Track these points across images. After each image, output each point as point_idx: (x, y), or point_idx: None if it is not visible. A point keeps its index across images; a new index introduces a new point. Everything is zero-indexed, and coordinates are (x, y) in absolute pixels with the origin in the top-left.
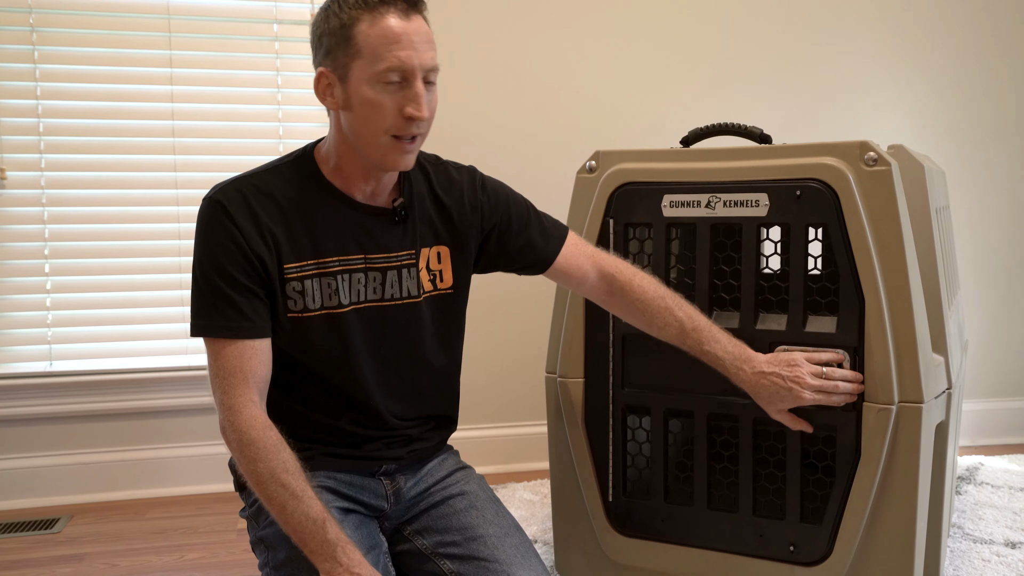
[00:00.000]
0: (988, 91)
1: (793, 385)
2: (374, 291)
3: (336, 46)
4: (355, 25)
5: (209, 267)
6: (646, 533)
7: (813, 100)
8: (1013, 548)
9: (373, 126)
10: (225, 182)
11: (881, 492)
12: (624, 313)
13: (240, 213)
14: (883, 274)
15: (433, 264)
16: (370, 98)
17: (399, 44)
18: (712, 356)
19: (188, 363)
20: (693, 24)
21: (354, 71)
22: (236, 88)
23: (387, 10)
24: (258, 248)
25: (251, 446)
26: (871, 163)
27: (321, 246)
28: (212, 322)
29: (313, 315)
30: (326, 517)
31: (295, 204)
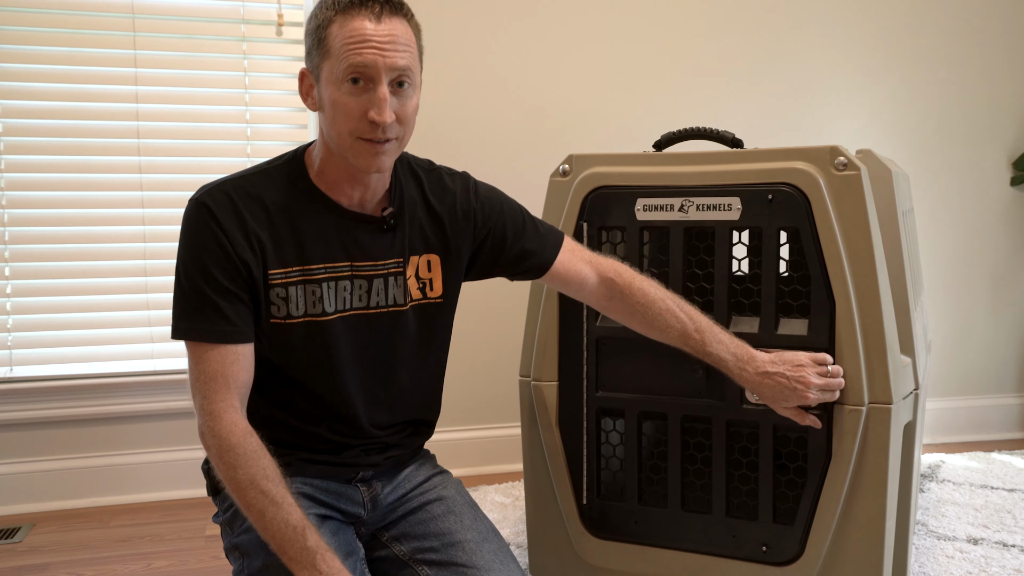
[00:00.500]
0: (946, 96)
1: (798, 385)
2: (359, 299)
3: (312, 46)
4: (328, 26)
5: (194, 270)
6: (620, 535)
7: (777, 104)
8: (976, 544)
9: (339, 127)
10: (212, 183)
11: (851, 492)
12: (625, 317)
13: (226, 216)
14: (853, 277)
15: (423, 272)
16: (335, 99)
17: (363, 45)
18: (716, 357)
19: (153, 367)
20: (661, 28)
21: (323, 71)
22: (203, 89)
23: (359, 12)
24: (243, 252)
25: (231, 452)
26: (841, 168)
27: (307, 253)
28: (195, 325)
29: (296, 322)
30: (306, 524)
31: (282, 209)
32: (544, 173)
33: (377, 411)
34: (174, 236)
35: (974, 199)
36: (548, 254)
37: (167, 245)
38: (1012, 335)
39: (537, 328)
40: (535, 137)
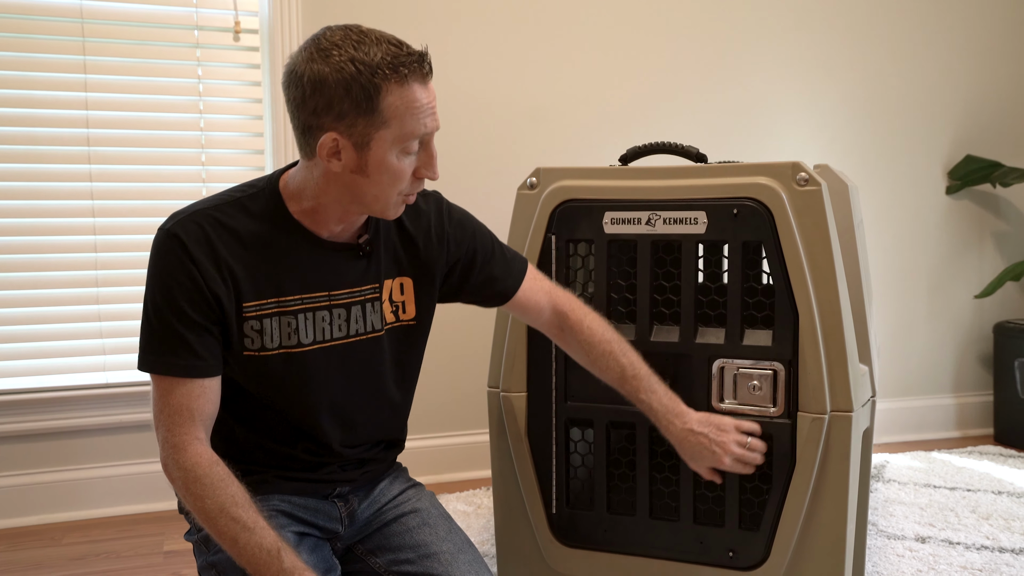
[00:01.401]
0: (884, 111)
1: (717, 449)
2: (339, 328)
3: (358, 114)
4: (381, 95)
5: (163, 303)
6: (589, 544)
7: (726, 119)
8: (923, 543)
9: (389, 190)
10: (183, 213)
11: (815, 497)
12: (571, 350)
13: (198, 248)
14: (815, 289)
15: (396, 295)
16: (393, 166)
17: (424, 113)
18: (646, 405)
19: (105, 380)
20: (619, 46)
21: (377, 140)
22: (155, 96)
23: (412, 78)
24: (215, 286)
25: (197, 483)
26: (802, 183)
27: (283, 284)
28: (162, 359)
29: (270, 354)
30: (280, 546)
31: (258, 241)
32: (507, 186)
33: (351, 434)
34: (126, 246)
35: (912, 208)
36: (513, 282)
37: (119, 255)
38: (948, 338)
39: (506, 339)
40: (498, 150)
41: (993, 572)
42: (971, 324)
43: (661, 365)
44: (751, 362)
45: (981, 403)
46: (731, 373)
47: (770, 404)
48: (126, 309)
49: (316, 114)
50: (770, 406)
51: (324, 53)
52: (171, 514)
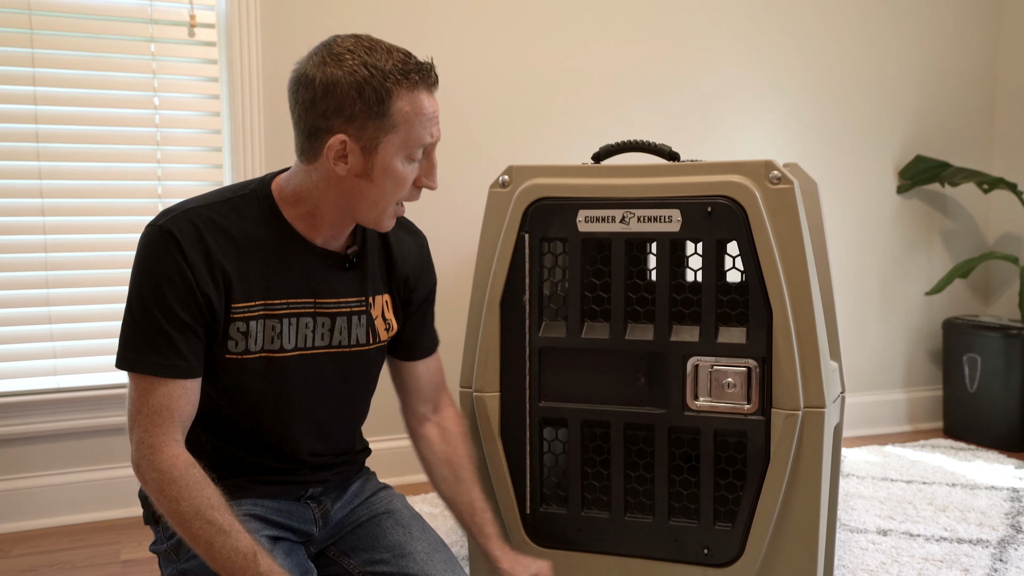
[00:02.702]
0: (838, 111)
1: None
2: (322, 337)
3: (368, 117)
4: (392, 100)
5: (151, 299)
6: (564, 543)
7: (688, 117)
8: (885, 535)
9: (390, 196)
10: (175, 210)
11: (788, 492)
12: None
13: (192, 247)
14: (788, 286)
15: (387, 313)
16: (397, 171)
17: (431, 121)
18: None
19: (56, 385)
20: (582, 44)
21: (385, 144)
22: (108, 91)
23: (421, 86)
24: (206, 286)
25: (173, 485)
26: (775, 181)
27: (272, 287)
28: (145, 358)
29: (252, 358)
30: (256, 550)
31: (251, 242)
32: (476, 184)
33: (323, 444)
34: (78, 245)
35: (864, 207)
36: (431, 347)
37: (70, 255)
38: (899, 335)
39: (479, 339)
40: (464, 148)
41: (954, 563)
42: (921, 320)
43: (635, 364)
44: (725, 360)
45: (931, 397)
46: (706, 371)
47: (744, 401)
48: (78, 311)
49: (326, 116)
50: (744, 403)
51: (337, 58)
52: (127, 522)
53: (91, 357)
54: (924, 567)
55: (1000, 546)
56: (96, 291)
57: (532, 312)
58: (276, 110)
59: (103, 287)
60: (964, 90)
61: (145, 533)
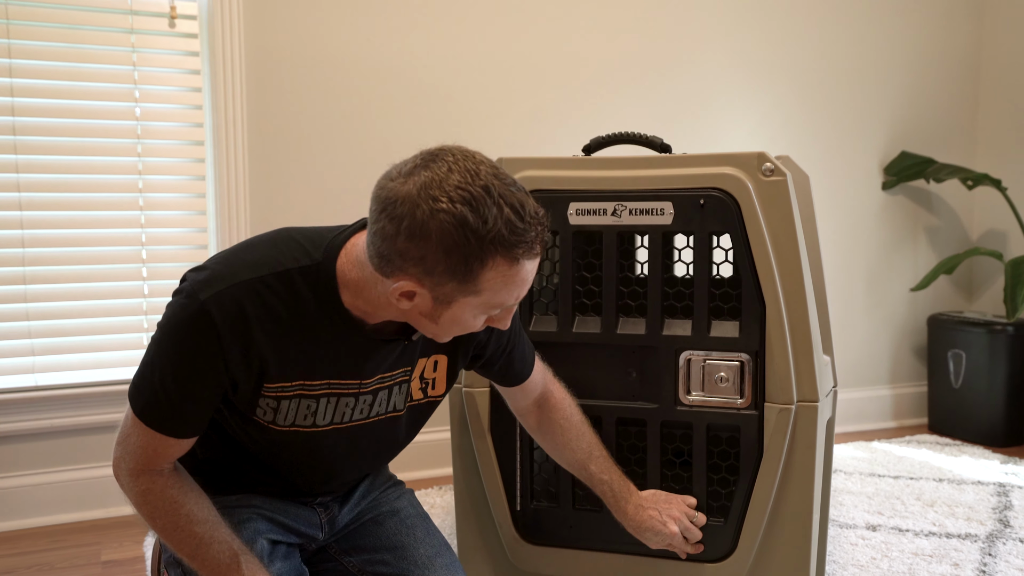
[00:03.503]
0: (823, 107)
1: (667, 519)
2: (360, 412)
3: (450, 277)
4: (485, 268)
5: (171, 373)
6: (555, 540)
7: (674, 110)
8: (874, 531)
9: (453, 335)
10: (222, 279)
11: (781, 487)
12: (544, 427)
13: (231, 333)
14: (781, 280)
15: (428, 372)
16: (467, 323)
17: (523, 286)
18: (606, 484)
19: (34, 383)
20: (567, 36)
21: (461, 303)
22: (87, 83)
23: (526, 254)
24: (237, 370)
25: (148, 505)
26: (768, 173)
27: (313, 368)
28: (152, 413)
29: (279, 429)
30: (240, 560)
31: (299, 323)
32: None
33: (341, 486)
34: (57, 240)
35: (849, 203)
36: (528, 371)
37: (49, 251)
38: (884, 331)
39: None
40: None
41: (943, 558)
42: (906, 317)
43: (627, 358)
44: (718, 354)
45: (916, 393)
46: (698, 365)
47: (737, 395)
48: (57, 307)
49: (403, 257)
50: (737, 397)
51: (435, 202)
52: (108, 522)
53: (70, 355)
54: (914, 562)
55: (989, 540)
56: (76, 287)
57: (523, 306)
58: (259, 104)
59: (83, 283)
60: (948, 86)
61: (126, 534)
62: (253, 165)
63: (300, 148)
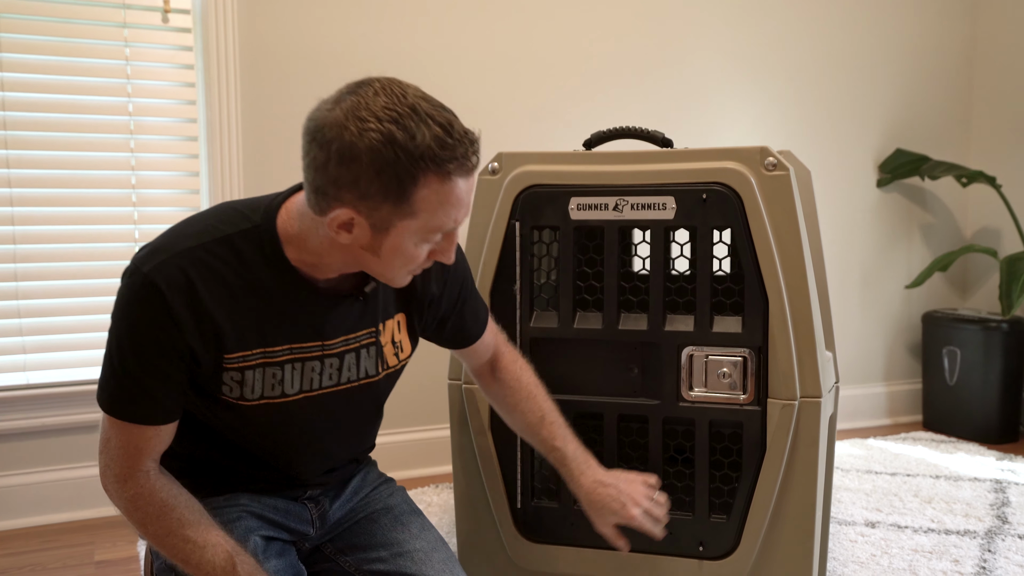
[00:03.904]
0: (819, 104)
1: (627, 500)
2: (330, 377)
3: (383, 199)
4: (418, 187)
5: (130, 352)
6: (555, 537)
7: (671, 106)
8: (873, 528)
9: (398, 270)
10: (163, 250)
11: (784, 484)
12: (494, 391)
13: (179, 300)
14: (784, 275)
15: (396, 336)
16: (409, 252)
17: (458, 206)
18: (560, 453)
19: (25, 381)
20: (566, 32)
21: (399, 228)
22: (79, 78)
23: (457, 171)
24: (193, 340)
25: (138, 512)
26: (771, 168)
27: (271, 334)
28: (119, 404)
29: (249, 404)
30: (235, 561)
31: (249, 288)
32: None
33: (327, 463)
34: (48, 237)
35: (844, 200)
36: (479, 330)
37: (41, 247)
38: (879, 328)
39: None
40: None
41: (943, 554)
42: (900, 314)
43: (629, 354)
44: (720, 349)
45: (910, 391)
46: (700, 361)
47: (740, 391)
48: (48, 305)
49: (337, 185)
50: (740, 393)
51: (361, 123)
52: (100, 522)
53: (62, 352)
54: (914, 558)
55: (988, 537)
56: (67, 284)
57: (523, 302)
58: (254, 98)
59: (74, 280)
60: (943, 84)
61: (120, 534)
62: (247, 161)
63: (295, 144)
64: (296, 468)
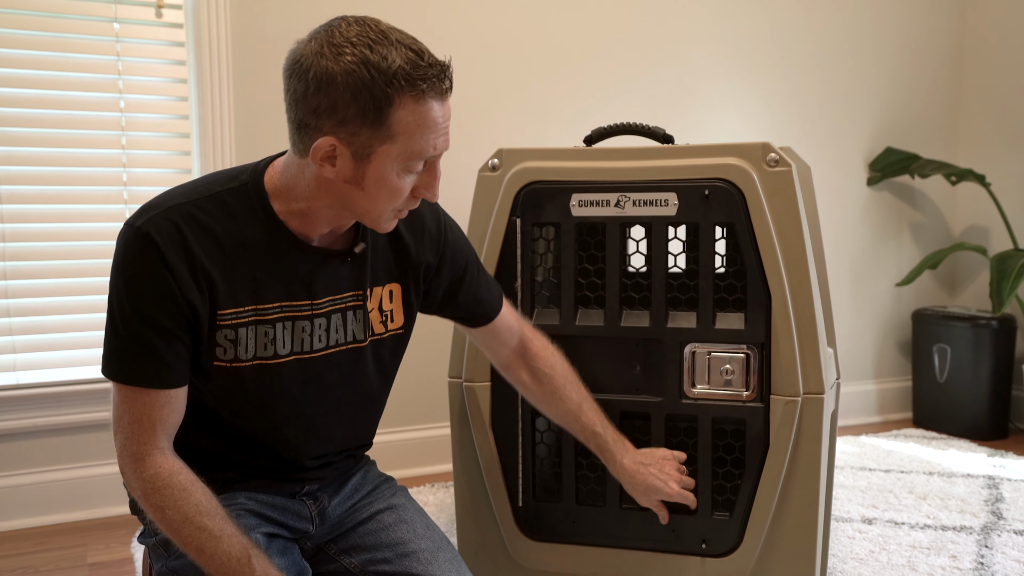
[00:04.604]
0: (810, 102)
1: (667, 478)
2: (319, 339)
3: (362, 123)
4: (393, 108)
5: (131, 309)
6: (557, 536)
7: (664, 104)
8: (870, 524)
9: (384, 205)
10: (155, 206)
11: (787, 480)
12: (528, 379)
13: (173, 251)
14: (787, 271)
15: (386, 304)
16: (391, 182)
17: (437, 132)
18: (601, 438)
19: (16, 381)
20: (559, 31)
21: (380, 154)
22: (70, 73)
23: (430, 93)
24: (189, 292)
25: (157, 494)
26: (773, 164)
27: (263, 291)
28: (127, 367)
29: (244, 366)
30: (251, 553)
31: (239, 244)
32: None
33: (322, 446)
34: (38, 235)
35: (835, 198)
36: (497, 304)
37: (30, 245)
38: (870, 326)
39: None
40: None
41: (941, 550)
42: (891, 312)
43: (631, 351)
44: (723, 346)
45: (900, 388)
46: (703, 357)
47: (743, 388)
48: (39, 304)
49: (317, 114)
50: (743, 390)
51: (336, 49)
52: (93, 524)
53: (52, 352)
54: (912, 554)
55: (984, 532)
56: (58, 283)
57: (524, 299)
58: (247, 95)
59: (65, 279)
60: (932, 83)
61: (112, 536)
62: (239, 157)
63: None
64: (292, 450)
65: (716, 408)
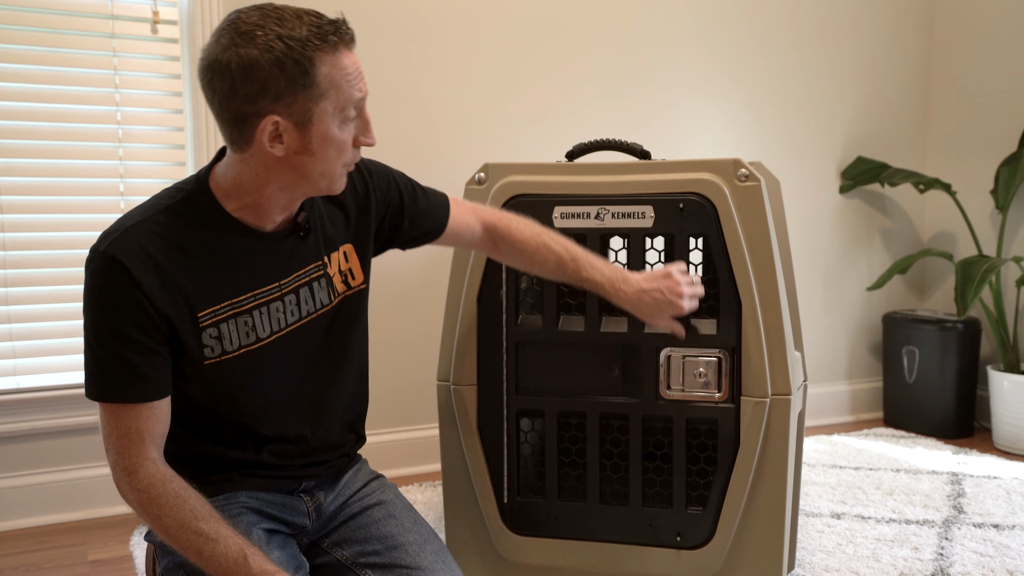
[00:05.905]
0: (783, 113)
1: (673, 296)
2: (292, 313)
3: (295, 91)
4: (315, 66)
5: (106, 332)
6: (541, 531)
7: (641, 116)
8: (839, 519)
9: (335, 163)
10: (116, 230)
11: (757, 476)
12: (507, 257)
13: (142, 270)
14: (756, 280)
15: (343, 265)
16: (336, 137)
17: (357, 76)
18: (592, 282)
19: (16, 385)
20: (540, 47)
21: (319, 114)
22: (68, 87)
23: (340, 44)
24: (164, 307)
25: (153, 504)
26: (743, 179)
27: (233, 285)
28: (108, 386)
29: (232, 356)
30: (247, 552)
31: (201, 247)
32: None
33: (321, 423)
34: (37, 244)
35: (808, 206)
36: (441, 214)
37: (30, 254)
38: (842, 329)
39: (456, 333)
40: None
41: (904, 542)
42: (862, 315)
43: (610, 355)
44: (697, 350)
45: (871, 388)
46: (678, 361)
47: (715, 390)
48: (38, 310)
49: (250, 100)
50: (715, 392)
51: (247, 36)
52: (93, 523)
53: (52, 356)
54: (877, 547)
55: (945, 526)
56: (57, 289)
57: (509, 306)
58: None
59: (64, 285)
60: (901, 95)
61: (111, 534)
62: None
63: None
64: (284, 431)
65: (690, 409)
